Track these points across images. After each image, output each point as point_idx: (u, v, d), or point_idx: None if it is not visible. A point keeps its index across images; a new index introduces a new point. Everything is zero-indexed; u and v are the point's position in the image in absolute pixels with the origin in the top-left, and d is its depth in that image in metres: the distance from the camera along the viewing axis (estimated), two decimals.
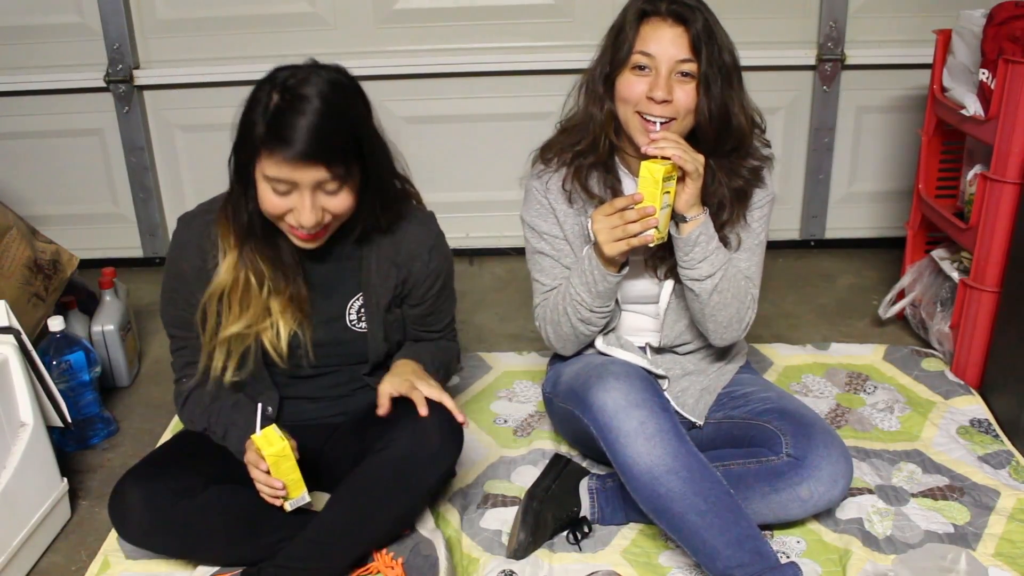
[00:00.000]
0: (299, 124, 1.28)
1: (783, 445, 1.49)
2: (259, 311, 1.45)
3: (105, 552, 1.58)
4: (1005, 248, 1.88)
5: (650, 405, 1.43)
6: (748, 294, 1.58)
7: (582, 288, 1.54)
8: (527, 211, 1.64)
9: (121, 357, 2.13)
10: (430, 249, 1.55)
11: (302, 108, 1.29)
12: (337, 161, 1.32)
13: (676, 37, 1.43)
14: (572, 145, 1.58)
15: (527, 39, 2.60)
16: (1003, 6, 1.89)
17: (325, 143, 1.30)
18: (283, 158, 1.29)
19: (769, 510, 1.50)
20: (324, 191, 1.35)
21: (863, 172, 2.76)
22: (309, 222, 1.34)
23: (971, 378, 2.01)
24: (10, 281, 1.89)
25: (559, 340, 1.65)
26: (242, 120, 1.34)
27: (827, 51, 2.58)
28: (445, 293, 1.62)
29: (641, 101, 1.45)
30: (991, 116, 1.88)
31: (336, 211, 1.37)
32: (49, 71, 2.61)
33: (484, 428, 1.91)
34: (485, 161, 2.73)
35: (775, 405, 1.58)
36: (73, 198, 2.78)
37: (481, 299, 2.56)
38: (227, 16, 2.55)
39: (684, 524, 1.39)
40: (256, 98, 1.33)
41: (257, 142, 1.31)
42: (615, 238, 1.44)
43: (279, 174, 1.31)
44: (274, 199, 1.34)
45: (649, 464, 1.39)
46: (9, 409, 1.58)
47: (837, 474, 1.48)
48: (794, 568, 1.36)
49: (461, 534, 1.59)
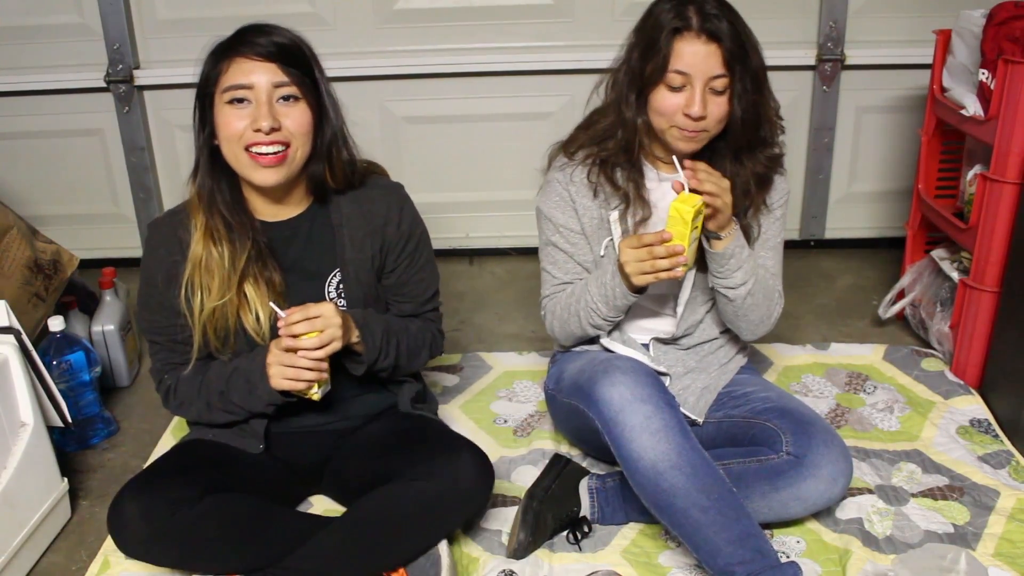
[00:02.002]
0: (257, 32, 1.42)
1: (783, 444, 1.50)
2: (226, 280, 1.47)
3: (105, 552, 1.58)
4: (1005, 248, 1.88)
5: (656, 400, 1.43)
6: (775, 291, 1.63)
7: (599, 299, 1.57)
8: (545, 202, 1.65)
9: (121, 357, 2.13)
10: (400, 210, 1.58)
11: (259, 27, 1.43)
12: (291, 64, 1.41)
13: (709, 55, 1.44)
14: (599, 143, 1.60)
15: (527, 39, 2.60)
16: (1003, 6, 1.89)
17: (280, 46, 1.41)
18: (242, 58, 1.39)
19: (769, 509, 1.50)
20: (281, 102, 1.41)
21: (863, 172, 2.76)
22: (266, 122, 1.38)
23: (971, 378, 2.01)
24: (10, 281, 1.89)
25: (563, 334, 1.68)
26: (202, 69, 1.44)
27: (827, 51, 2.58)
28: (420, 261, 1.61)
29: (677, 115, 1.48)
30: (991, 116, 1.88)
31: (292, 125, 1.41)
32: (49, 71, 2.61)
33: (484, 428, 1.91)
34: (485, 161, 2.73)
35: (775, 404, 1.59)
36: (73, 198, 2.78)
37: (481, 299, 2.56)
38: (227, 16, 2.54)
39: (686, 520, 1.39)
40: (213, 47, 1.44)
41: (216, 61, 1.41)
42: (642, 271, 1.47)
43: (236, 78, 1.39)
44: (232, 117, 1.40)
45: (654, 459, 1.40)
46: (9, 409, 1.58)
47: (837, 473, 1.49)
48: (794, 568, 1.36)
49: (461, 534, 1.58)
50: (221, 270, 1.47)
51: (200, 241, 1.47)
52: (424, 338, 1.63)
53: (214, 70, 1.41)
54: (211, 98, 1.43)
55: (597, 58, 1.71)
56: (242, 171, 1.44)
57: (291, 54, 1.42)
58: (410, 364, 1.60)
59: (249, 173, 1.43)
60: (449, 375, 2.12)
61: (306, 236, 1.53)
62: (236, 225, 1.47)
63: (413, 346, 1.59)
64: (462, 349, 2.27)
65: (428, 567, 1.45)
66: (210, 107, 1.43)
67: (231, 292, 1.47)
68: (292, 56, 1.42)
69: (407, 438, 1.53)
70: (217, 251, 1.47)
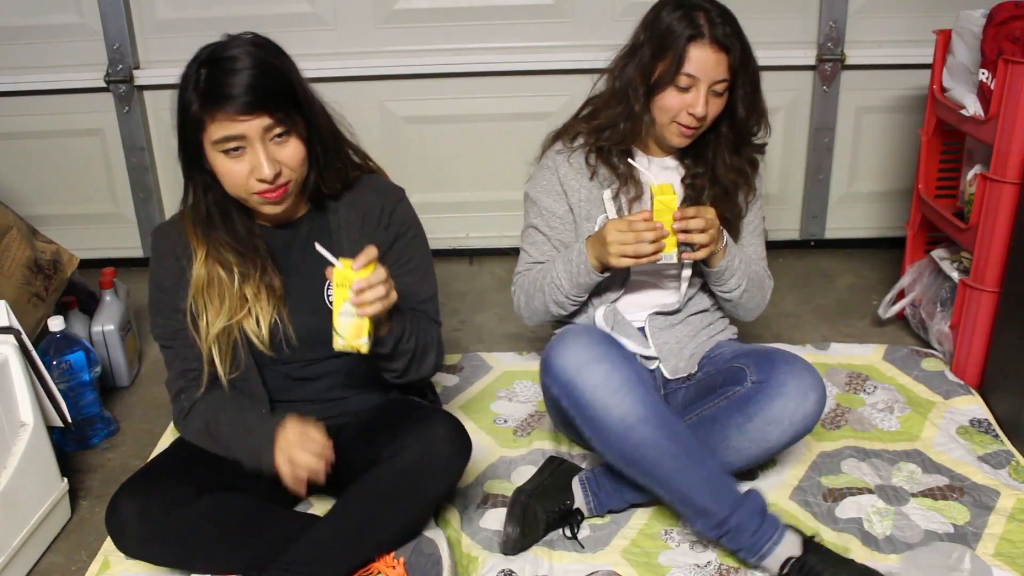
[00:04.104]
0: (234, 81, 1.33)
1: (747, 375, 1.55)
2: (235, 301, 1.47)
3: (105, 552, 1.58)
4: (1005, 248, 1.88)
5: (611, 357, 1.48)
6: (765, 277, 1.78)
7: (564, 275, 1.65)
8: (533, 186, 1.74)
9: (121, 357, 2.13)
10: (392, 210, 1.56)
11: (232, 67, 1.34)
12: (277, 107, 1.36)
13: (718, 62, 1.55)
14: (600, 131, 1.67)
15: (527, 39, 2.61)
16: (1003, 6, 1.89)
17: (262, 91, 1.34)
18: (226, 115, 1.33)
19: (750, 441, 1.54)
20: (274, 141, 1.38)
21: (863, 172, 2.76)
22: (268, 171, 1.36)
23: (971, 378, 2.01)
24: (10, 281, 1.89)
25: (528, 310, 1.76)
26: (179, 107, 1.38)
27: (827, 51, 2.58)
28: (410, 263, 1.58)
29: (681, 113, 1.59)
30: (991, 116, 1.88)
31: (289, 161, 1.40)
32: (49, 71, 2.61)
33: (484, 428, 1.91)
34: (485, 161, 2.73)
35: (741, 350, 1.67)
36: (73, 198, 2.78)
37: (481, 299, 2.56)
38: (227, 16, 2.55)
39: (659, 469, 1.47)
40: (185, 81, 1.38)
41: (199, 113, 1.35)
42: (623, 253, 1.54)
43: (227, 132, 1.35)
44: (232, 166, 1.38)
45: (621, 414, 1.44)
46: (9, 409, 1.58)
47: (805, 387, 1.52)
48: (755, 493, 1.47)
49: (461, 534, 1.59)
50: (230, 290, 1.47)
51: (203, 265, 1.47)
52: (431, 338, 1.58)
53: (197, 119, 1.36)
54: (198, 144, 1.39)
55: (597, 58, 1.71)
56: (248, 205, 1.45)
57: (273, 95, 1.36)
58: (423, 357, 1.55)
59: (256, 207, 1.45)
60: (449, 375, 2.12)
61: (305, 240, 1.53)
62: (248, 251, 1.48)
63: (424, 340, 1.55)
64: (462, 349, 2.27)
65: (428, 567, 1.46)
66: (196, 148, 1.40)
67: (241, 313, 1.48)
68: (275, 97, 1.36)
69: (388, 420, 1.53)
70: (225, 274, 1.47)
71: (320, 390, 1.58)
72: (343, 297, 1.32)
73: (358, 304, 1.31)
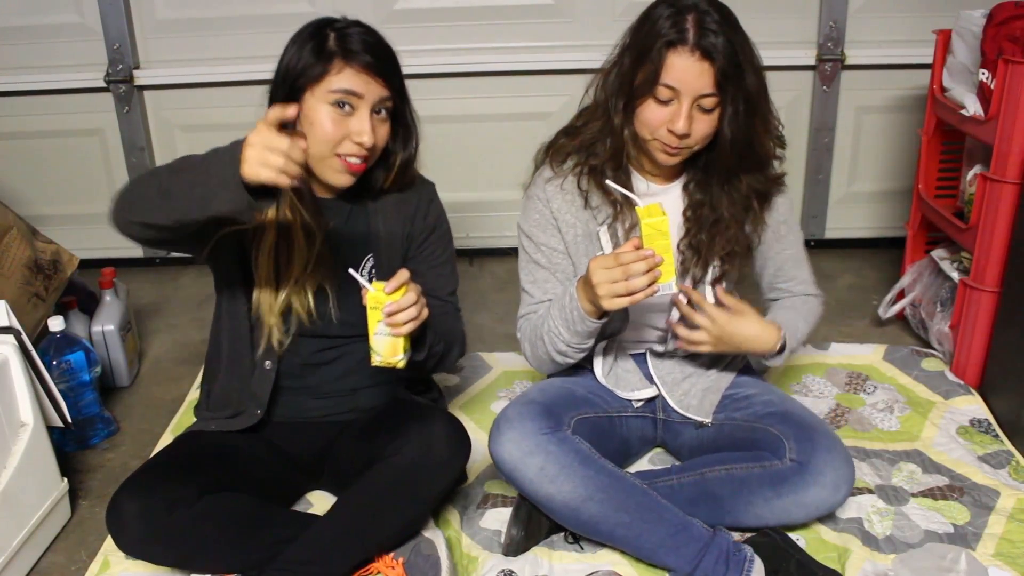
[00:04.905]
0: (372, 42, 1.42)
1: (786, 450, 1.49)
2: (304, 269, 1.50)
3: (105, 552, 1.58)
4: (1005, 248, 1.88)
5: (544, 447, 1.45)
6: (816, 307, 1.70)
7: (561, 323, 1.50)
8: (525, 220, 1.63)
9: (121, 357, 2.13)
10: (430, 202, 1.63)
11: (366, 29, 1.44)
12: (395, 82, 1.45)
13: (701, 73, 1.38)
14: (587, 149, 1.54)
15: (527, 39, 2.61)
16: (1003, 6, 1.89)
17: (390, 63, 1.44)
18: (355, 70, 1.39)
19: (772, 514, 1.50)
20: (378, 115, 1.44)
21: (863, 172, 2.76)
22: (369, 139, 1.41)
23: (971, 378, 2.01)
24: (10, 281, 1.89)
25: (535, 360, 1.63)
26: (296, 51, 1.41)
27: (827, 51, 2.58)
28: (441, 256, 1.64)
29: (661, 130, 1.43)
30: (991, 116, 1.88)
31: (381, 141, 1.46)
32: (49, 71, 2.61)
33: (484, 428, 1.91)
34: (485, 161, 2.73)
35: (777, 408, 1.58)
36: (73, 198, 2.78)
37: (481, 299, 2.56)
38: (227, 16, 2.55)
39: (614, 538, 1.47)
40: (304, 41, 1.42)
41: (326, 60, 1.38)
42: (615, 294, 1.35)
43: (349, 85, 1.39)
44: (335, 118, 1.40)
45: (563, 500, 1.45)
46: (9, 409, 1.58)
47: (840, 480, 1.48)
48: (721, 535, 1.44)
49: (461, 534, 1.59)
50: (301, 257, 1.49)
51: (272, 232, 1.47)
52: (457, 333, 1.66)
53: (317, 66, 1.40)
54: (301, 89, 1.41)
55: (597, 58, 1.70)
56: (321, 168, 1.46)
57: (396, 72, 1.45)
58: (449, 353, 1.62)
59: (328, 172, 1.46)
60: (449, 375, 2.12)
61: (344, 218, 1.55)
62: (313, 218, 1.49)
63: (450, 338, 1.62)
64: None
65: (427, 568, 1.46)
66: (296, 95, 1.41)
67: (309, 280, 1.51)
68: (396, 74, 1.45)
69: (390, 420, 1.54)
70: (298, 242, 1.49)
71: (332, 377, 1.59)
72: (376, 319, 1.34)
73: (391, 324, 1.33)
